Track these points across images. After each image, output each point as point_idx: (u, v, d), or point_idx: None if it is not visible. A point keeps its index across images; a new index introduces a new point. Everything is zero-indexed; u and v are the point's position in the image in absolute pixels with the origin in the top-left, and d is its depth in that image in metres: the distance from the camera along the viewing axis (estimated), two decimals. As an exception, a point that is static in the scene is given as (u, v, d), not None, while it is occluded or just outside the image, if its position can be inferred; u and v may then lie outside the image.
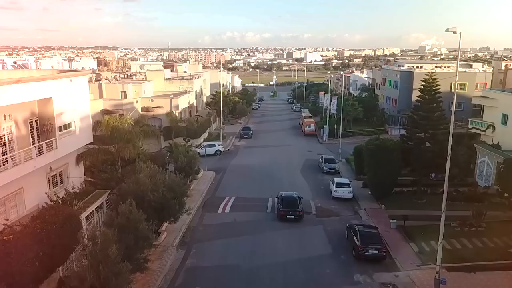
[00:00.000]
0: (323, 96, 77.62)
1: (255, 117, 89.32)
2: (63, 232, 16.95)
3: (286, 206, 29.32)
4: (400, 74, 72.23)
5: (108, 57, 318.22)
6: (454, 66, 77.62)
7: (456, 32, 16.97)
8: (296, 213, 29.05)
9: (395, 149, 31.48)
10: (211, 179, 39.79)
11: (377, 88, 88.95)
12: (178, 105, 55.63)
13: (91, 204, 22.36)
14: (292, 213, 29.01)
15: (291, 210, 29.08)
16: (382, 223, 28.46)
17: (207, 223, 28.91)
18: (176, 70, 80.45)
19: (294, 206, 29.37)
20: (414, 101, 68.26)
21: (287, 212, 29.06)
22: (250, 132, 63.20)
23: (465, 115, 65.31)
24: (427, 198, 33.26)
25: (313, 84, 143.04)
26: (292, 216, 28.96)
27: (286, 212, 29.05)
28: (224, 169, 44.09)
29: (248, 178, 40.42)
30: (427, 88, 32.93)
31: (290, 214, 29.00)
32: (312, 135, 64.34)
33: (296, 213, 29.05)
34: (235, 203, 32.95)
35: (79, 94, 27.61)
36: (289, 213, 29.03)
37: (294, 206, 29.34)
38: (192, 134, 54.12)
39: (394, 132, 64.19)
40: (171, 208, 23.01)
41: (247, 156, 51.27)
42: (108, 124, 29.68)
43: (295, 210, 29.13)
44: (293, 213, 29.02)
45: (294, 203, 29.62)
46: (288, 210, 29.10)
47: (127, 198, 22.69)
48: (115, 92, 57.68)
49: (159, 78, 66.89)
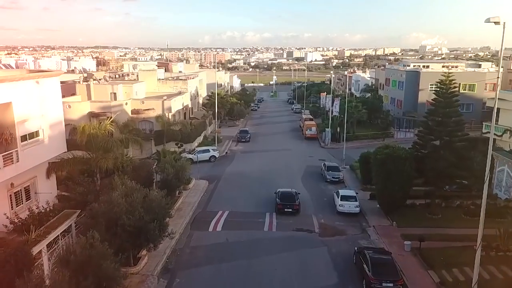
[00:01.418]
0: (325, 97, 74.12)
1: (253, 119, 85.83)
2: (4, 274, 13.50)
3: (284, 200, 30.73)
4: (406, 74, 68.79)
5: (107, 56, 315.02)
6: (462, 65, 74.17)
7: (499, 22, 13.48)
8: (293, 207, 30.43)
9: (408, 158, 28.04)
10: (203, 189, 36.32)
11: (380, 89, 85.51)
12: (171, 107, 52.13)
13: (54, 230, 18.91)
14: (290, 206, 30.42)
15: (289, 204, 30.50)
16: (394, 244, 25.05)
17: (195, 244, 25.42)
18: (171, 70, 76.89)
19: (291, 200, 30.88)
20: (423, 103, 65.38)
21: (284, 205, 30.43)
22: (247, 135, 59.68)
23: (474, 117, 61.94)
24: (443, 213, 29.85)
25: (313, 84, 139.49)
26: (290, 209, 30.31)
27: (284, 206, 30.42)
28: (219, 177, 40.64)
29: (244, 188, 36.98)
30: (443, 90, 29.38)
31: (287, 208, 30.34)
32: (313, 138, 60.82)
33: (293, 206, 30.44)
34: (229, 218, 29.49)
35: (49, 98, 24.19)
36: (287, 206, 30.41)
37: (291, 200, 30.82)
38: (186, 138, 50.67)
39: (400, 136, 60.69)
40: (149, 233, 19.55)
41: (243, 162, 47.81)
42: (84, 132, 26.20)
43: (292, 204, 30.54)
44: (290, 206, 30.42)
45: (291, 197, 31.19)
46: (286, 203, 30.49)
47: (99, 220, 19.46)
48: (104, 94, 54.24)
49: (151, 78, 63.36)
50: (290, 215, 30.02)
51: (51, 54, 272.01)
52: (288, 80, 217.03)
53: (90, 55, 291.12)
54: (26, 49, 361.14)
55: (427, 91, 65.62)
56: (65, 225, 19.84)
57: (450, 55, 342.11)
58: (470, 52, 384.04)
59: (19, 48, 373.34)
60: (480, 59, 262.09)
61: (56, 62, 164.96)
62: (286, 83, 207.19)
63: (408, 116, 64.91)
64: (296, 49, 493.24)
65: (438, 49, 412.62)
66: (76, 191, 25.85)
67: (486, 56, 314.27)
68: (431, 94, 66.25)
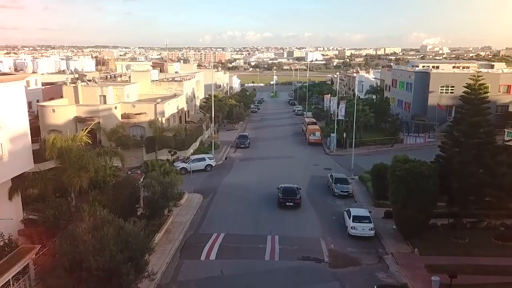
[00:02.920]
0: (329, 99, 70.15)
1: (253, 122, 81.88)
2: None
3: (286, 195, 32.01)
4: (415, 75, 64.83)
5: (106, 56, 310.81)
6: (475, 66, 70.29)
7: None
8: (294, 201, 31.75)
9: (432, 176, 24.18)
10: (197, 205, 32.47)
11: (386, 90, 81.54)
12: (164, 112, 48.32)
13: (3, 273, 15.09)
14: (291, 200, 31.75)
15: (290, 198, 31.81)
16: (418, 279, 21.24)
17: (184, 278, 21.56)
18: (166, 70, 72.96)
19: (292, 194, 32.12)
20: (433, 105, 61.53)
21: (286, 199, 31.76)
22: (247, 141, 55.72)
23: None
24: (469, 235, 26.06)
25: (314, 84, 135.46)
26: (291, 203, 31.68)
27: (285, 200, 31.76)
28: (214, 189, 36.81)
29: (242, 204, 33.15)
30: (471, 97, 25.47)
31: (289, 202, 31.66)
32: (317, 144, 56.89)
33: (294, 201, 31.77)
34: (224, 243, 25.62)
35: (10, 106, 20.35)
36: (288, 200, 31.72)
37: (292, 195, 32.08)
38: (180, 145, 46.80)
39: (410, 141, 56.92)
40: (123, 277, 15.70)
41: (242, 171, 43.95)
42: (54, 146, 22.33)
43: (293, 198, 31.87)
44: (291, 200, 31.76)
45: (292, 192, 32.40)
46: (287, 198, 31.80)
47: (62, 261, 15.70)
48: (93, 96, 50.39)
49: (145, 79, 59.45)
50: (294, 239, 26.27)
51: (51, 53, 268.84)
52: (288, 80, 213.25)
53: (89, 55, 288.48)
54: (26, 49, 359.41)
55: (438, 93, 61.90)
56: (19, 267, 16.01)
57: (452, 55, 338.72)
58: (472, 51, 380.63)
59: (19, 47, 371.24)
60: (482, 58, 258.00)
61: (55, 61, 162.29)
62: (286, 83, 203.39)
63: (418, 120, 61.07)
64: (296, 48, 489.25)
65: (439, 49, 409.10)
66: (45, 214, 22.14)
67: (487, 56, 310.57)
68: (441, 96, 63.10)
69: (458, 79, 62.10)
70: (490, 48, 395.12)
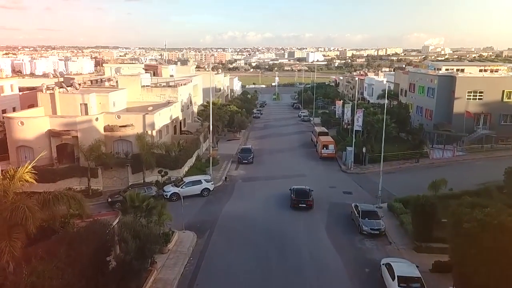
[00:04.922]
0: (341, 106, 63.02)
1: (256, 129, 74.74)
2: None
3: (298, 196, 32.67)
4: (438, 79, 57.77)
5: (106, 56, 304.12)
6: (505, 69, 63.18)
7: None
8: (307, 203, 32.31)
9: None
10: (189, 251, 25.32)
11: (401, 95, 74.50)
12: (154, 123, 41.22)
13: None
14: (304, 202, 32.33)
15: (303, 200, 32.42)
16: None
17: None
18: (160, 74, 65.78)
19: (305, 196, 32.75)
20: (459, 113, 54.38)
21: (298, 201, 32.39)
22: (250, 155, 48.51)
23: (518, 132, 51.56)
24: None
25: (318, 86, 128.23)
26: (304, 205, 32.24)
27: (298, 201, 32.39)
28: (212, 224, 29.81)
29: (247, 247, 26.13)
30: None
31: (302, 203, 32.30)
32: (331, 158, 49.80)
33: (306, 202, 32.34)
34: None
35: None
36: (301, 202, 32.37)
37: (305, 196, 32.71)
38: (172, 163, 39.78)
39: (437, 155, 49.88)
40: None
41: (246, 196, 36.90)
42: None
43: (306, 199, 32.46)
44: (304, 202, 32.34)
45: (305, 194, 32.99)
46: (300, 199, 32.44)
47: None
48: (73, 105, 43.43)
49: (134, 85, 52.29)
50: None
51: (50, 54, 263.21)
52: (290, 81, 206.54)
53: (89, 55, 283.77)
54: (27, 49, 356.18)
55: (464, 100, 54.86)
56: None
57: (454, 56, 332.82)
58: (474, 52, 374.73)
59: (19, 48, 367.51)
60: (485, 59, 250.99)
61: (53, 62, 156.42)
62: (288, 85, 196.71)
63: (443, 131, 54.01)
64: (297, 49, 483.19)
65: (441, 49, 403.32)
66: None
67: (490, 57, 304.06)
68: (468, 103, 56.08)
69: (487, 84, 55.23)
70: (492, 49, 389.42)
